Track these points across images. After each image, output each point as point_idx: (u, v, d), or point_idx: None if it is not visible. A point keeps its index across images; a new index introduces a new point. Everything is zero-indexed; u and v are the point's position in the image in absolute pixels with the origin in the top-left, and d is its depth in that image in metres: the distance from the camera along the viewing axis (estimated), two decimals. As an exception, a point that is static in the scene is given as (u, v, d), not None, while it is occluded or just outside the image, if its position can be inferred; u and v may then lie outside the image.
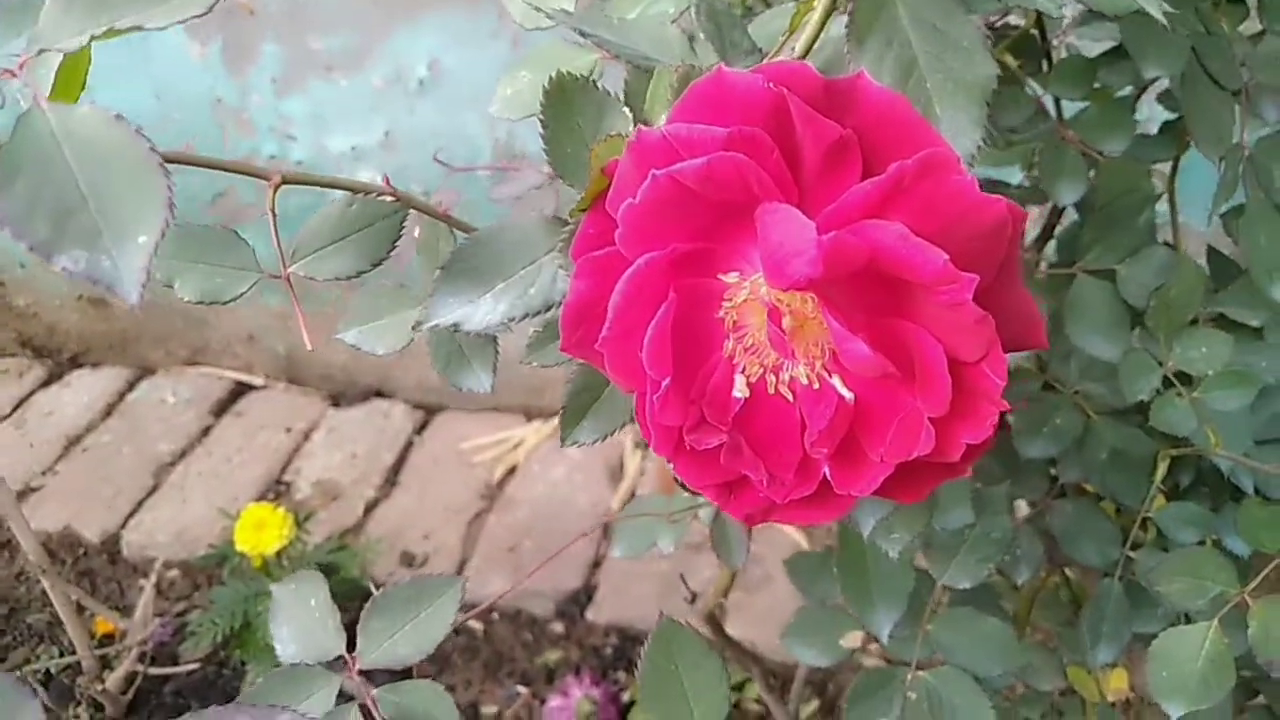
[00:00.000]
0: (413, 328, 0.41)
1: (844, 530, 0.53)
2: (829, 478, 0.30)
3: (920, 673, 0.56)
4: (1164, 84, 0.64)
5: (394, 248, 0.39)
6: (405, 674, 0.49)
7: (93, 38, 0.26)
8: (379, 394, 1.76)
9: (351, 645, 0.48)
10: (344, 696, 0.46)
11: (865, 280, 0.27)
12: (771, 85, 0.26)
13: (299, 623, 0.48)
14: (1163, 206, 0.70)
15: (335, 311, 0.51)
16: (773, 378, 0.31)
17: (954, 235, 0.26)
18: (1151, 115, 0.71)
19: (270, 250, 0.40)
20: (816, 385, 0.30)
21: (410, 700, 0.43)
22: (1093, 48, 0.66)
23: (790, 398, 0.31)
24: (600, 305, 0.30)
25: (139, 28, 0.26)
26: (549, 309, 0.35)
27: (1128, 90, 0.66)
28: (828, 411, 0.29)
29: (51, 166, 0.24)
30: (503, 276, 0.35)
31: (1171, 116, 0.68)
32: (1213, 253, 0.71)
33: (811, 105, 0.26)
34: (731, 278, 0.29)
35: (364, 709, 0.44)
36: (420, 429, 1.70)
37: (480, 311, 0.35)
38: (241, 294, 0.38)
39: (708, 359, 0.30)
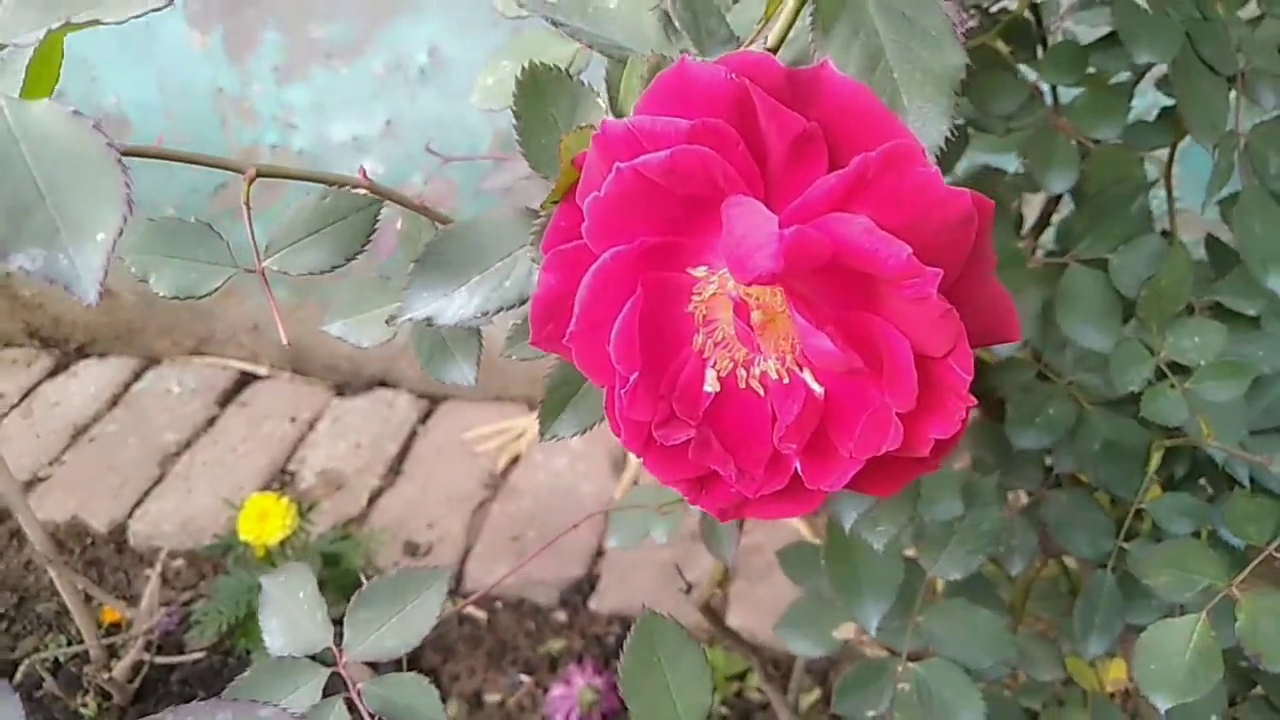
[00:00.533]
0: (387, 321, 0.41)
1: (832, 522, 0.53)
2: (799, 472, 0.30)
3: (911, 664, 0.56)
4: (1163, 69, 0.63)
5: (369, 241, 0.39)
6: (400, 664, 0.49)
7: (50, 32, 0.25)
8: (383, 384, 1.77)
9: (341, 637, 0.48)
10: (338, 686, 0.46)
11: (831, 274, 0.27)
12: (733, 76, 0.25)
13: (288, 615, 0.48)
14: (1163, 193, 0.69)
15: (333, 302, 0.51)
16: (743, 372, 0.30)
17: (920, 229, 0.26)
18: (1156, 101, 0.70)
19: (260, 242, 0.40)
20: (786, 380, 0.30)
21: (396, 693, 0.43)
22: (1090, 33, 0.65)
23: (761, 392, 0.30)
24: (570, 299, 0.29)
25: (97, 22, 0.26)
26: (524, 302, 0.35)
27: (1125, 76, 0.65)
28: (797, 406, 0.29)
29: (8, 163, 0.24)
30: (478, 269, 0.35)
31: (1170, 102, 0.67)
32: (1212, 241, 0.70)
33: (775, 96, 0.26)
34: (700, 272, 0.29)
35: (349, 702, 0.44)
36: (424, 418, 1.71)
37: (454, 305, 0.34)
38: (216, 289, 0.38)
39: (677, 353, 0.30)
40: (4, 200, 0.24)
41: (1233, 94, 0.58)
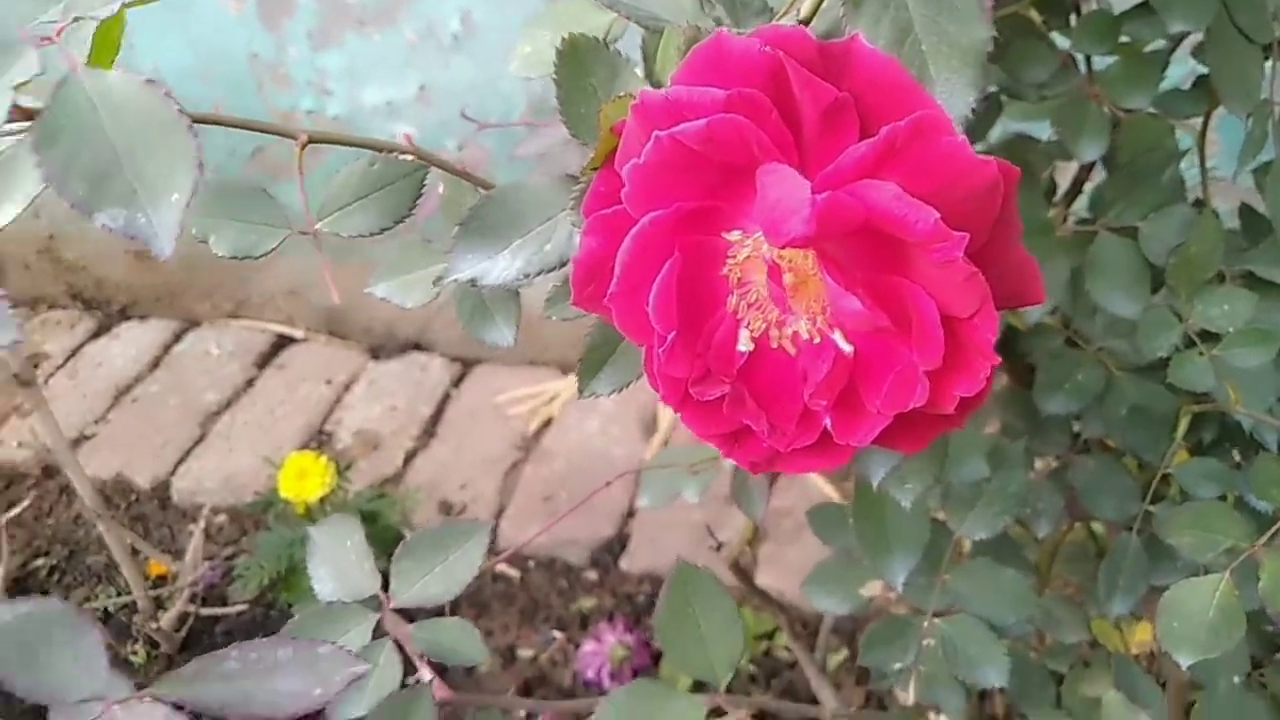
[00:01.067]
0: (434, 283, 0.43)
1: (860, 481, 0.55)
2: (829, 428, 0.31)
3: (936, 620, 0.57)
4: (1199, 37, 0.63)
5: (416, 204, 0.41)
6: (439, 614, 0.52)
7: (124, 5, 0.27)
8: (417, 347, 1.79)
9: (386, 586, 0.50)
10: (380, 633, 0.48)
11: (862, 238, 0.28)
12: (767, 49, 0.27)
13: (336, 563, 0.51)
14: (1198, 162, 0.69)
15: (375, 265, 0.53)
16: (776, 332, 0.32)
17: (947, 195, 0.27)
18: (1193, 69, 0.70)
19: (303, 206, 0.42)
20: (817, 339, 0.31)
21: (440, 636, 0.45)
22: (1124, 1, 0.65)
23: (792, 351, 0.32)
24: (610, 262, 0.31)
25: (168, -3, 0.27)
26: (564, 264, 0.36)
27: (1159, 44, 0.65)
28: (827, 365, 0.30)
29: (89, 130, 0.26)
30: (519, 233, 0.36)
31: (1206, 70, 0.67)
32: (1245, 210, 0.70)
33: (808, 68, 0.27)
34: (734, 235, 0.30)
35: (397, 644, 0.46)
36: (457, 382, 1.73)
37: (498, 267, 0.36)
38: (272, 249, 0.39)
39: (713, 314, 0.32)
40: (86, 165, 0.25)
41: (1268, 62, 0.58)
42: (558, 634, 1.34)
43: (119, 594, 1.37)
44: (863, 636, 0.58)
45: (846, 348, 0.31)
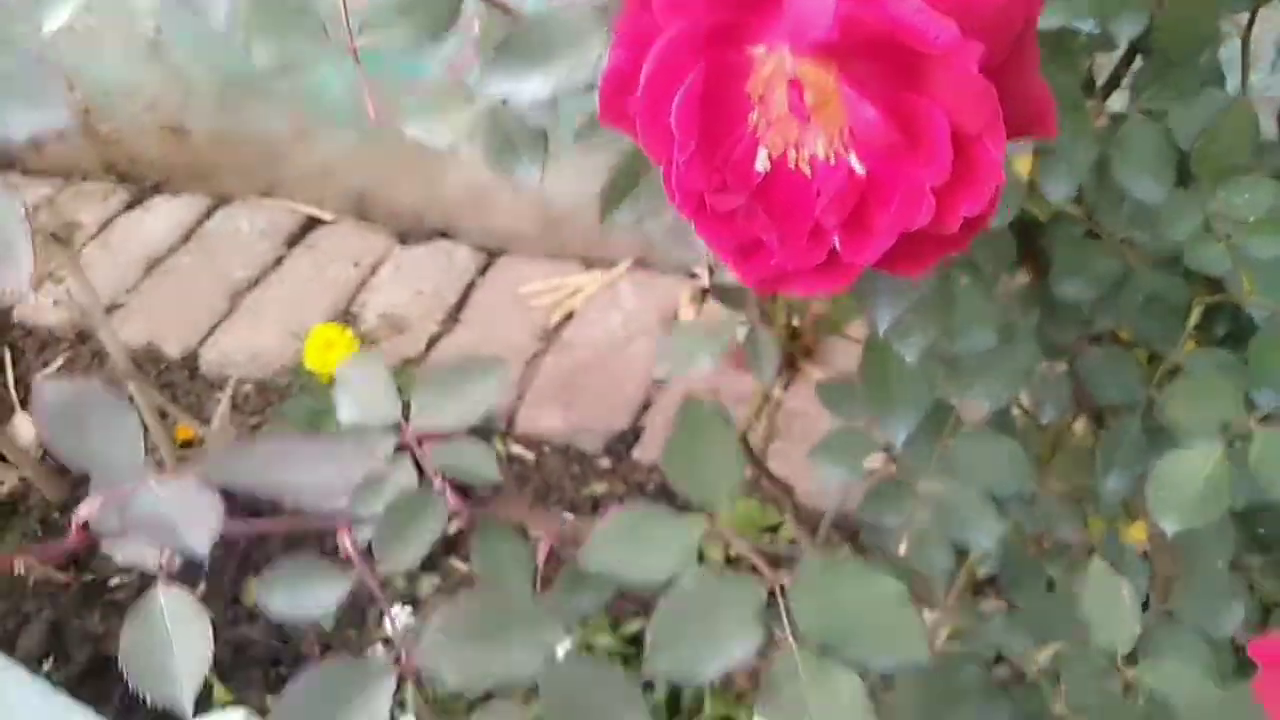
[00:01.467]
0: (465, 99, 0.44)
1: (869, 340, 0.56)
2: (837, 247, 0.33)
3: (934, 483, 0.59)
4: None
5: (455, 19, 0.41)
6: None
7: None
8: (444, 235, 1.81)
9: (407, 415, 0.52)
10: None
11: (881, 53, 0.29)
12: None
13: (360, 393, 0.53)
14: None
15: (404, 148, 0.54)
16: (793, 152, 0.33)
17: (967, 11, 0.28)
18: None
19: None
20: (832, 160, 0.32)
21: (457, 456, 0.48)
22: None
23: (808, 173, 0.33)
24: (638, 75, 0.32)
25: None
26: (593, 88, 0.37)
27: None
28: (839, 182, 0.32)
29: None
30: (551, 55, 0.37)
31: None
32: (1282, 112, 0.69)
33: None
34: (759, 50, 0.31)
35: (416, 464, 0.49)
36: (483, 270, 1.75)
37: (529, 86, 0.37)
38: (311, 62, 0.40)
39: (733, 130, 0.33)
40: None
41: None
42: (569, 515, 1.38)
43: (148, 453, 1.41)
44: (862, 494, 0.60)
45: (859, 168, 0.32)
